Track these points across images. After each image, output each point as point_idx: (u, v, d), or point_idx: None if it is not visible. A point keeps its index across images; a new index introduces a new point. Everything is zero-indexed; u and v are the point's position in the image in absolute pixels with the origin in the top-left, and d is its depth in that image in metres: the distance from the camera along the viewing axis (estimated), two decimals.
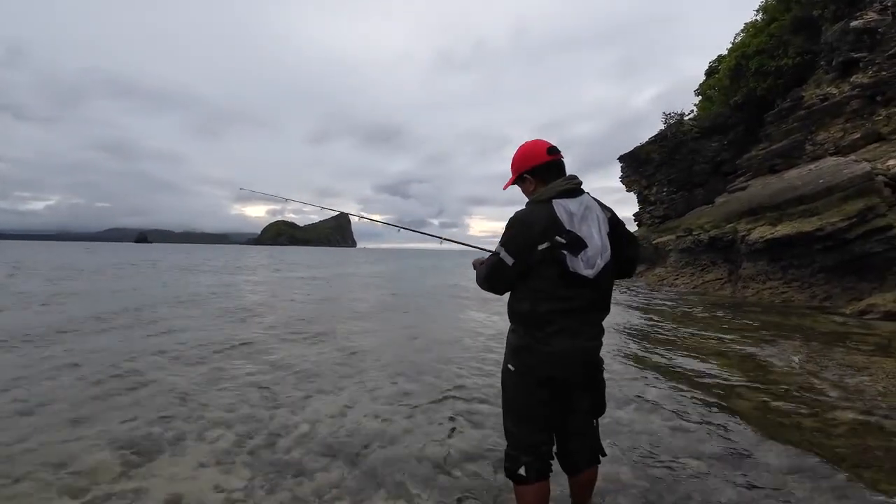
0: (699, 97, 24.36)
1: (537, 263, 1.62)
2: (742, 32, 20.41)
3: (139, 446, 2.71)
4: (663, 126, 22.01)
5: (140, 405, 3.39)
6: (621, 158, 23.49)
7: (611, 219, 1.74)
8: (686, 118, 22.03)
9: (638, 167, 22.68)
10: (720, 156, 19.19)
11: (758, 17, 19.75)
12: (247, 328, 6.73)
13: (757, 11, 19.86)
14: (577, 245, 1.59)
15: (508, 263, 1.67)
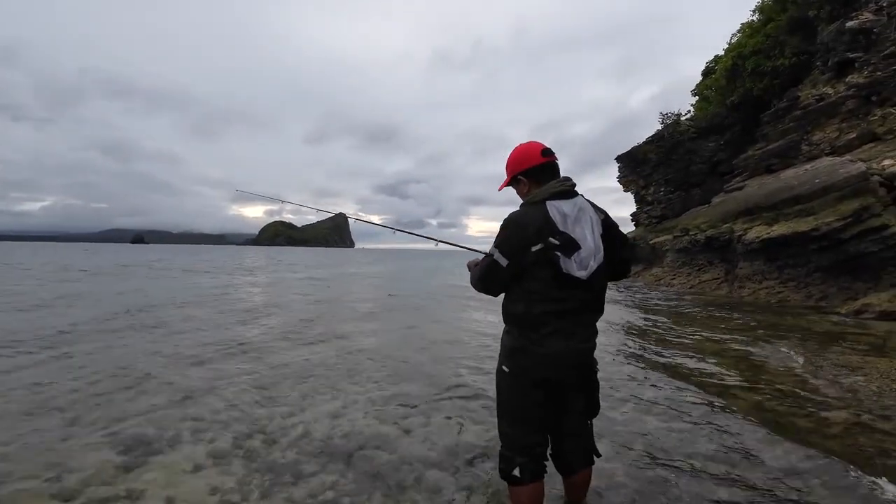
0: (696, 97, 24.46)
1: (531, 265, 1.63)
2: (738, 33, 20.51)
3: (135, 447, 2.70)
4: (660, 126, 22.10)
5: (137, 405, 3.38)
6: (619, 158, 23.56)
7: (604, 220, 1.75)
8: (683, 118, 22.12)
9: (635, 167, 22.76)
10: (717, 156, 19.27)
11: (754, 18, 19.85)
12: (246, 329, 6.72)
13: (753, 12, 19.96)
14: (571, 246, 1.60)
15: (503, 264, 1.67)
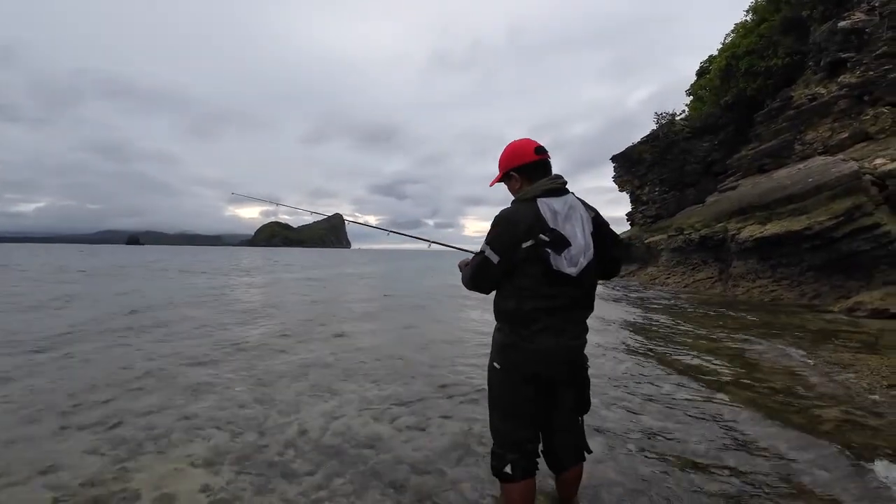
0: (691, 97, 24.59)
1: (521, 261, 1.64)
2: (732, 33, 20.63)
3: (130, 446, 2.69)
4: (655, 126, 22.21)
5: (134, 405, 3.36)
6: (614, 158, 23.66)
7: (594, 218, 1.75)
8: (678, 118, 22.24)
9: (630, 167, 22.86)
10: (711, 156, 19.37)
11: (748, 18, 19.97)
12: (243, 329, 6.69)
13: (747, 12, 20.09)
14: (561, 243, 1.61)
15: (494, 261, 1.68)
